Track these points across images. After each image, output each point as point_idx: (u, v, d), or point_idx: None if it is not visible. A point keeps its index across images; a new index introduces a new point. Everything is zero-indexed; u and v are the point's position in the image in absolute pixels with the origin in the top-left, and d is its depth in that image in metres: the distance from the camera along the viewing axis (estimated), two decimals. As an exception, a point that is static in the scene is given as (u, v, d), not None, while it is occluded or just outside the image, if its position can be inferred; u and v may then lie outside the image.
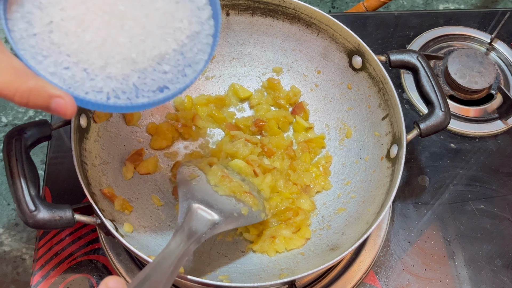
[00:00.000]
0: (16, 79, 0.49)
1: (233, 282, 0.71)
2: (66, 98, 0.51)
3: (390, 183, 0.73)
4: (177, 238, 0.63)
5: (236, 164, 0.80)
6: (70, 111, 0.51)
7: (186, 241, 0.63)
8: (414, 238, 0.86)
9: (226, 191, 0.73)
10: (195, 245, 0.64)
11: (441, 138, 0.94)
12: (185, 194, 0.70)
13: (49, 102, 0.50)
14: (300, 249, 0.76)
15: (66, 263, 0.81)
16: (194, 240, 0.64)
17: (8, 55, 0.50)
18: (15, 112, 1.05)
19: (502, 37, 1.05)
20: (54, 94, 0.50)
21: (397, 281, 0.82)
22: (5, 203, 0.96)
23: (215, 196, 0.72)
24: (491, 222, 0.87)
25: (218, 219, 0.68)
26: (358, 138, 0.84)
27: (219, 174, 0.75)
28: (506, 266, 0.84)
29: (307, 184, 0.82)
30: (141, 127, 0.84)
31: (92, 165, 0.74)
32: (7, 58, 0.50)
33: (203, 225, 0.67)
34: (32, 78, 0.50)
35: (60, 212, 0.63)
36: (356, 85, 0.84)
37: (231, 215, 0.70)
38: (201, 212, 0.68)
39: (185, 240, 0.63)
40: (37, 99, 0.50)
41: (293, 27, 0.85)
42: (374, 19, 1.07)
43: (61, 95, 0.51)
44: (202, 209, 0.68)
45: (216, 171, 0.76)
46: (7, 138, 0.67)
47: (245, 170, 0.80)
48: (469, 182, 0.91)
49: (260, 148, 0.83)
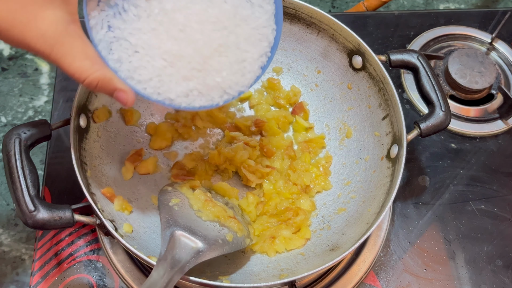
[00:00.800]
0: (89, 67, 0.55)
1: (233, 282, 0.71)
2: (128, 92, 0.58)
3: (391, 183, 0.73)
4: (160, 269, 0.61)
5: (220, 187, 0.80)
6: (130, 104, 0.58)
7: (169, 271, 0.61)
8: (415, 238, 0.85)
9: (209, 216, 0.71)
10: (179, 274, 0.62)
11: (442, 138, 0.94)
12: (167, 220, 0.68)
13: (112, 93, 0.57)
14: (300, 250, 0.76)
15: (66, 263, 0.81)
16: (177, 269, 0.62)
17: (85, 42, 0.56)
18: (15, 112, 1.05)
19: (503, 37, 1.05)
20: (118, 88, 0.57)
21: (397, 282, 0.82)
22: (4, 203, 0.96)
23: (198, 221, 0.70)
24: (492, 222, 0.87)
25: (202, 246, 0.66)
26: (358, 138, 0.84)
27: (202, 198, 0.73)
28: (506, 266, 0.84)
29: (307, 184, 0.82)
30: (140, 127, 0.84)
31: (92, 165, 0.74)
32: (84, 45, 0.55)
33: (186, 253, 0.64)
34: (103, 68, 0.56)
35: (59, 212, 0.63)
36: (356, 85, 0.83)
37: (215, 242, 0.68)
38: (184, 239, 0.66)
39: (169, 270, 0.61)
40: (103, 88, 0.57)
41: (293, 27, 0.85)
42: (374, 19, 1.07)
43: (124, 90, 0.57)
44: (185, 236, 0.66)
45: (199, 195, 0.74)
46: (6, 138, 0.67)
47: (229, 192, 0.79)
48: (469, 182, 0.91)
49: (259, 150, 0.83)
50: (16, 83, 1.08)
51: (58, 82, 0.97)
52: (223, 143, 0.84)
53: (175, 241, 0.65)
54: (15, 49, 1.13)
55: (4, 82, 1.08)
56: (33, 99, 1.07)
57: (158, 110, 0.86)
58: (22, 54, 1.12)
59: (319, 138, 0.86)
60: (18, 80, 1.09)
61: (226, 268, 0.74)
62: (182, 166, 0.82)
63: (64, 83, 0.96)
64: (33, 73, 1.10)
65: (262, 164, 0.82)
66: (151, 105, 0.85)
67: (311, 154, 0.85)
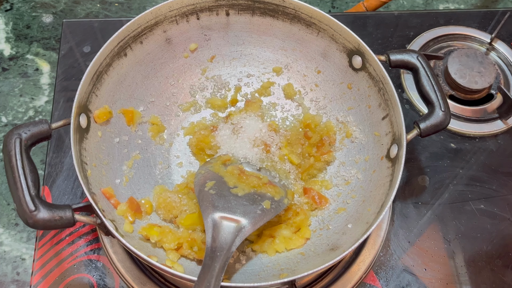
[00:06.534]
0: None
1: (233, 282, 0.71)
2: None
3: (390, 183, 0.73)
4: (209, 256, 0.64)
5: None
6: None
7: (218, 256, 0.64)
8: (414, 238, 0.86)
9: (245, 189, 0.73)
10: (228, 256, 0.65)
11: (441, 138, 0.94)
12: (206, 208, 0.70)
13: None
14: (300, 249, 0.76)
15: (66, 262, 0.81)
16: (225, 252, 0.65)
17: None
18: (15, 112, 1.05)
19: (502, 37, 1.05)
20: None
21: (397, 281, 0.82)
22: (5, 203, 0.96)
23: (235, 198, 0.72)
24: (491, 222, 0.87)
25: (243, 222, 0.69)
26: (358, 138, 0.84)
27: (235, 173, 0.75)
28: (506, 266, 0.84)
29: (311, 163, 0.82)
30: (141, 127, 0.84)
31: (92, 165, 0.74)
32: None
33: (230, 234, 0.67)
34: None
35: (60, 212, 0.63)
36: (356, 85, 0.84)
37: (255, 214, 0.70)
38: (225, 222, 0.69)
39: (218, 255, 0.64)
40: None
41: (293, 27, 0.85)
42: (374, 19, 1.07)
43: None
44: (225, 218, 0.69)
45: (233, 171, 0.76)
46: (7, 138, 0.67)
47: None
48: (469, 182, 0.91)
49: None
50: (17, 83, 1.08)
51: (58, 82, 0.97)
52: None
53: (217, 226, 0.68)
54: (16, 49, 1.13)
55: (4, 82, 1.08)
56: (34, 99, 1.07)
57: (158, 110, 0.86)
58: (22, 54, 1.12)
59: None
60: (19, 80, 1.09)
61: (226, 267, 0.74)
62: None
63: (64, 83, 0.97)
64: (33, 73, 1.10)
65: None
66: (151, 106, 0.85)
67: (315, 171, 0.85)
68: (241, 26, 0.87)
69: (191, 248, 0.73)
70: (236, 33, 0.88)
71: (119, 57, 0.80)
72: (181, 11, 0.82)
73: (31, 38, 1.15)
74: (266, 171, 0.79)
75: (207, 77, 0.90)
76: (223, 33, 0.87)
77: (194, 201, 0.77)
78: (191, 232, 0.75)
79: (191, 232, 0.74)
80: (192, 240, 0.73)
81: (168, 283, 0.80)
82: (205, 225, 0.69)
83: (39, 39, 1.15)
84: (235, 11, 0.85)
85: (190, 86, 0.89)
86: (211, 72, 0.90)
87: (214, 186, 0.73)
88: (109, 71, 0.78)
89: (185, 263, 0.73)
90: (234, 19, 0.86)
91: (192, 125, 0.87)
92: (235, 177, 0.75)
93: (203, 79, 0.90)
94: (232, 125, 0.84)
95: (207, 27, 0.86)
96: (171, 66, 0.87)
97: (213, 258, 0.64)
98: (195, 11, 0.83)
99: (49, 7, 1.21)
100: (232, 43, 0.89)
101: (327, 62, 0.86)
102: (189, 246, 0.73)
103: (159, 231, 0.73)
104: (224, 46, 0.89)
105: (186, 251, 0.73)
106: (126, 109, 0.82)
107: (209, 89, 0.90)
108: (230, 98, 0.89)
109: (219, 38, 0.88)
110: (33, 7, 1.21)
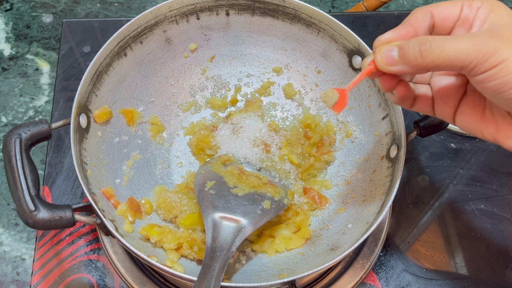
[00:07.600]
0: None
1: (233, 282, 0.71)
2: None
3: (390, 183, 0.73)
4: (209, 256, 0.64)
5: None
6: None
7: (218, 256, 0.64)
8: (414, 238, 0.86)
9: (245, 189, 0.74)
10: (228, 256, 0.65)
11: (441, 138, 0.94)
12: (206, 208, 0.70)
13: None
14: (300, 249, 0.76)
15: (66, 262, 0.81)
16: (225, 252, 0.65)
17: None
18: (15, 112, 1.05)
19: (502, 37, 1.05)
20: None
21: (397, 281, 0.82)
22: (5, 203, 0.96)
23: (235, 199, 0.72)
24: (491, 222, 0.87)
25: (243, 222, 0.69)
26: (358, 138, 0.84)
27: (235, 173, 0.75)
28: (506, 266, 0.84)
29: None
30: (140, 127, 0.84)
31: (92, 165, 0.74)
32: None
33: (230, 234, 0.68)
34: None
35: (60, 212, 0.63)
36: (356, 85, 0.83)
37: (255, 214, 0.70)
38: (225, 222, 0.69)
39: (217, 255, 0.64)
40: None
41: (293, 27, 0.85)
42: (374, 19, 1.07)
43: None
44: (225, 218, 0.69)
45: (233, 171, 0.76)
46: (7, 138, 0.67)
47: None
48: (469, 182, 0.91)
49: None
50: (17, 83, 1.08)
51: (58, 82, 0.97)
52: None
53: (217, 226, 0.68)
54: (16, 49, 1.13)
55: (4, 82, 1.08)
56: (34, 99, 1.07)
57: (158, 110, 0.86)
58: (22, 54, 1.12)
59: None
60: (19, 80, 1.09)
61: (226, 267, 0.74)
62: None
63: (64, 83, 0.97)
64: (33, 73, 1.10)
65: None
66: (151, 106, 0.85)
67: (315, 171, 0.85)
68: (241, 26, 0.87)
69: (191, 248, 0.73)
70: (236, 33, 0.88)
71: (119, 57, 0.80)
72: (181, 11, 0.82)
73: (31, 38, 1.15)
74: (266, 171, 0.79)
75: (207, 77, 0.90)
76: (223, 33, 0.87)
77: (194, 201, 0.77)
78: (191, 232, 0.75)
79: (191, 232, 0.75)
80: (192, 240, 0.73)
81: (168, 283, 0.80)
82: (205, 225, 0.69)
83: (39, 39, 1.15)
84: (235, 11, 0.85)
85: (190, 86, 0.89)
86: (211, 72, 0.90)
87: (214, 186, 0.73)
88: (109, 71, 0.78)
89: (185, 263, 0.73)
90: (234, 19, 0.86)
91: (192, 125, 0.87)
92: (235, 177, 0.75)
93: (203, 79, 0.90)
94: (232, 125, 0.84)
95: (207, 27, 0.86)
96: (171, 66, 0.87)
97: (213, 258, 0.64)
98: (195, 11, 0.83)
99: (49, 7, 1.21)
100: (232, 43, 0.89)
101: (327, 62, 0.86)
102: (189, 246, 0.73)
103: (159, 231, 0.73)
104: (224, 46, 0.89)
105: (186, 251, 0.73)
106: (126, 109, 0.82)
107: (209, 89, 0.90)
108: (230, 98, 0.90)
109: (219, 38, 0.88)
110: (33, 7, 1.21)
